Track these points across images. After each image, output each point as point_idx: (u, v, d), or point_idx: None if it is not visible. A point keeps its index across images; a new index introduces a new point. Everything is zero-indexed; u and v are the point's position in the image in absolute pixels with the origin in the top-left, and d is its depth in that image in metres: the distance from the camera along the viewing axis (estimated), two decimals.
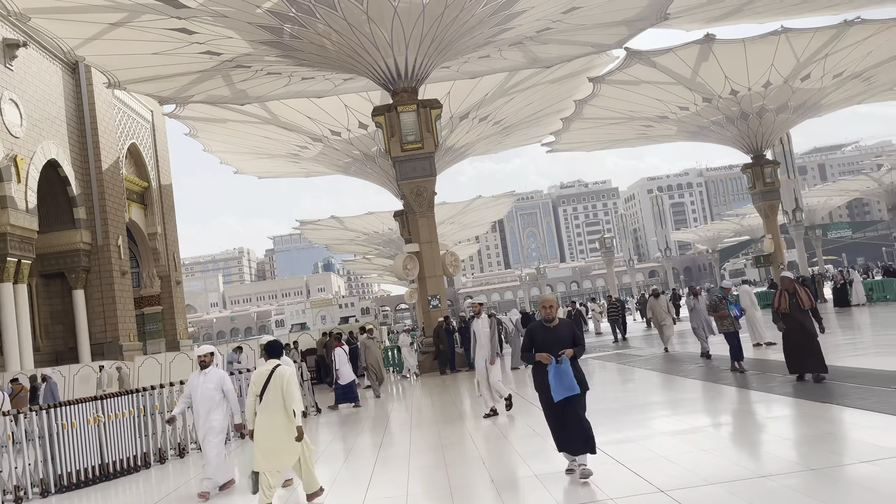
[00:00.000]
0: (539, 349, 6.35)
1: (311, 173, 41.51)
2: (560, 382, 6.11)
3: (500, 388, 10.84)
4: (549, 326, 6.44)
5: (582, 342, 6.49)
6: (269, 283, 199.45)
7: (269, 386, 6.42)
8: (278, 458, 6.41)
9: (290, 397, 6.42)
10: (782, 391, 9.65)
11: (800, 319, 9.96)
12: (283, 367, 6.60)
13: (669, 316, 17.70)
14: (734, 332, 12.48)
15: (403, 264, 18.58)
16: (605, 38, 26.17)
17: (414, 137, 18.72)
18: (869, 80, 34.32)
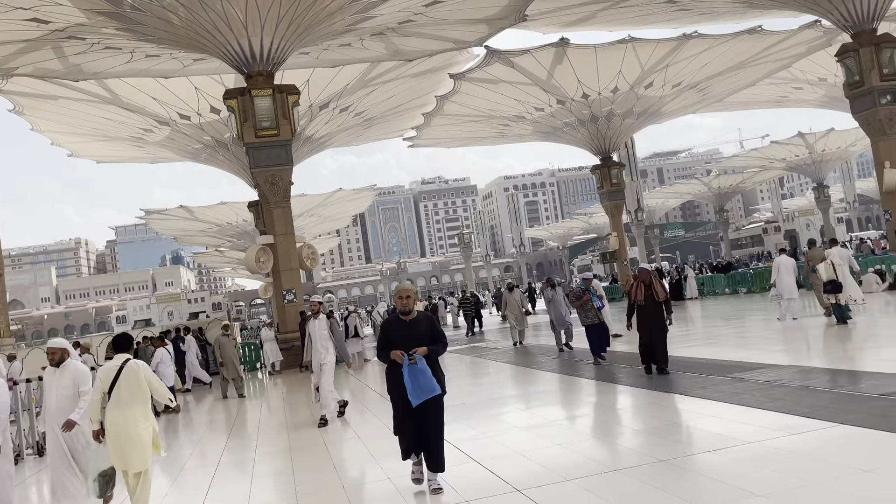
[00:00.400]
0: (395, 346, 5.66)
1: (158, 159, 38.77)
2: (417, 384, 5.49)
3: (328, 398, 9.98)
4: (405, 320, 5.77)
5: (443, 339, 5.86)
6: (111, 277, 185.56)
7: (120, 381, 6.03)
8: (131, 459, 5.98)
9: (156, 388, 6.19)
10: (632, 382, 10.01)
11: (654, 311, 10.12)
12: (134, 362, 6.22)
13: (523, 309, 18.04)
14: (598, 323, 12.47)
15: (256, 256, 17.63)
16: (466, 35, 26.39)
17: (269, 124, 17.79)
18: (703, 91, 37.20)
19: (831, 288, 13.47)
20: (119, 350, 6.35)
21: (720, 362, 10.48)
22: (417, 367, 5.51)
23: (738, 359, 10.62)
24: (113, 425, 5.98)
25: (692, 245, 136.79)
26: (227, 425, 11.71)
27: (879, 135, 22.16)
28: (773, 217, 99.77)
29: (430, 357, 5.64)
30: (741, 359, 10.58)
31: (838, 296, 13.41)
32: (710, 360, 10.94)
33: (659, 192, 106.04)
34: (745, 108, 47.94)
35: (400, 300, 5.82)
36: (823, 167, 71.47)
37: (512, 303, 17.97)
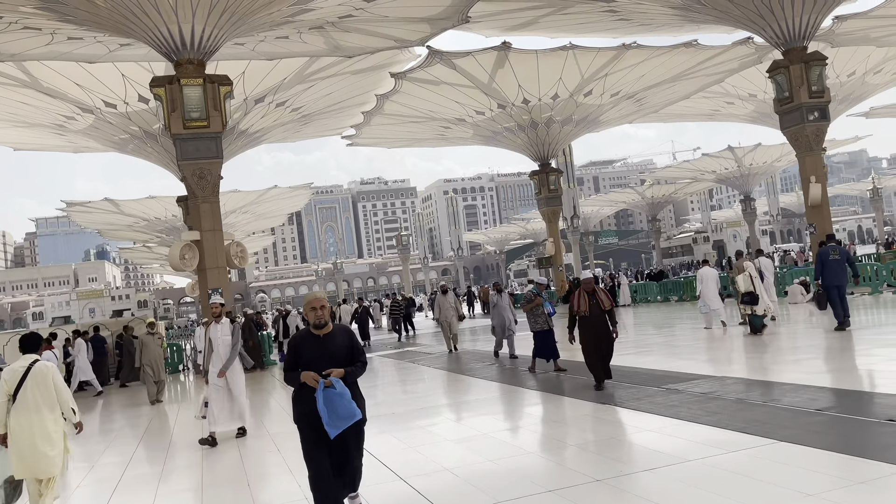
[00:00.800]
0: (306, 367, 4.77)
1: (81, 149, 36.82)
2: (334, 411, 4.60)
3: (243, 409, 9.05)
4: (318, 335, 4.90)
5: (362, 357, 5.04)
6: (29, 271, 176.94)
7: (27, 383, 5.72)
8: (39, 465, 5.67)
9: (63, 396, 5.86)
10: (569, 392, 9.77)
11: (600, 322, 9.51)
12: (44, 363, 5.89)
13: (456, 313, 17.35)
14: (548, 329, 12.02)
15: (181, 253, 16.72)
16: (407, 34, 25.95)
17: (199, 114, 16.91)
18: (640, 102, 37.85)
19: (749, 299, 13.64)
20: (27, 350, 5.99)
21: (654, 372, 10.40)
22: (334, 390, 4.64)
23: (671, 368, 10.56)
24: (18, 430, 5.64)
25: (625, 253, 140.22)
26: (137, 434, 10.92)
27: (806, 150, 22.85)
28: (703, 227, 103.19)
29: (346, 379, 4.81)
30: (674, 369, 10.52)
31: (754, 307, 13.61)
32: (644, 369, 10.84)
33: (594, 199, 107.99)
34: (680, 121, 49.17)
35: (312, 311, 4.91)
36: (751, 180, 74.11)
37: (445, 306, 17.15)
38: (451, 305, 17.26)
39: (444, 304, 17.25)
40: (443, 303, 17.36)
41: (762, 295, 13.89)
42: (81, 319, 72.95)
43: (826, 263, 13.32)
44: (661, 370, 10.51)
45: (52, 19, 17.81)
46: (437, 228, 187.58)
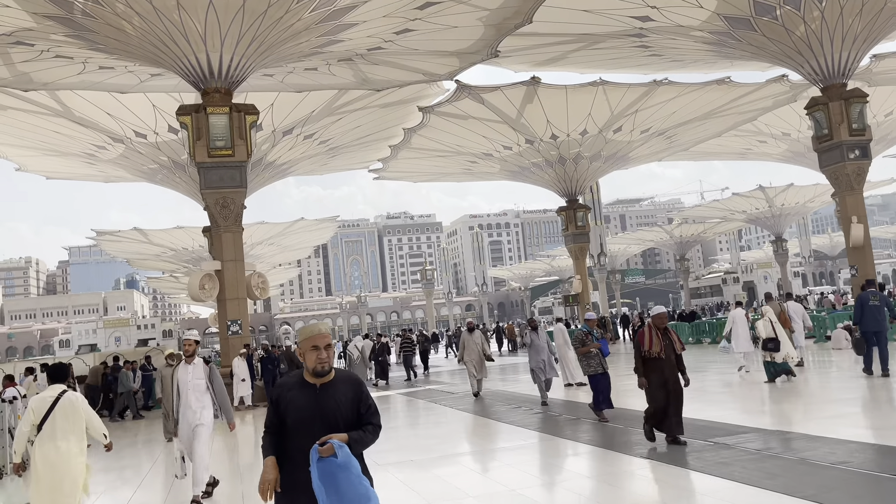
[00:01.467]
0: (295, 428, 3.50)
1: (112, 178, 37.24)
2: (336, 492, 3.29)
3: (200, 472, 7.50)
4: (314, 384, 3.57)
5: (374, 419, 3.66)
6: (60, 298, 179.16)
7: (55, 413, 5.85)
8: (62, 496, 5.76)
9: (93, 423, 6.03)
10: (611, 444, 8.83)
11: (671, 367, 8.12)
12: (72, 393, 6.06)
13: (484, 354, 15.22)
14: (602, 373, 10.70)
15: (200, 283, 16.41)
16: (436, 68, 25.85)
17: (224, 143, 16.78)
18: (670, 139, 37.32)
19: (772, 346, 13.15)
20: (55, 380, 6.10)
21: (696, 422, 9.58)
22: (335, 461, 3.30)
23: (714, 418, 9.76)
24: (44, 459, 5.72)
25: (652, 292, 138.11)
26: (137, 477, 10.40)
27: (847, 189, 22.06)
28: (732, 268, 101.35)
29: (351, 448, 3.44)
30: (718, 419, 9.74)
31: (774, 354, 13.17)
32: (686, 419, 9.93)
33: (621, 238, 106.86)
34: (710, 159, 48.48)
35: (313, 352, 3.56)
36: (782, 221, 72.73)
37: (471, 346, 15.29)
38: (477, 345, 15.42)
39: (470, 344, 15.43)
40: (468, 342, 15.49)
41: (784, 341, 13.36)
42: (107, 347, 73.30)
43: (865, 308, 13.04)
44: (703, 420, 9.72)
45: (84, 48, 17.91)
46: (461, 264, 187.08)
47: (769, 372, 13.33)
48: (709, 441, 8.20)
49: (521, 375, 21.74)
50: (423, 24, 20.26)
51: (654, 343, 8.17)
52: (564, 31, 23.94)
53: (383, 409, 14.93)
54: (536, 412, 12.20)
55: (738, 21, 21.57)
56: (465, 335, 15.60)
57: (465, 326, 16.32)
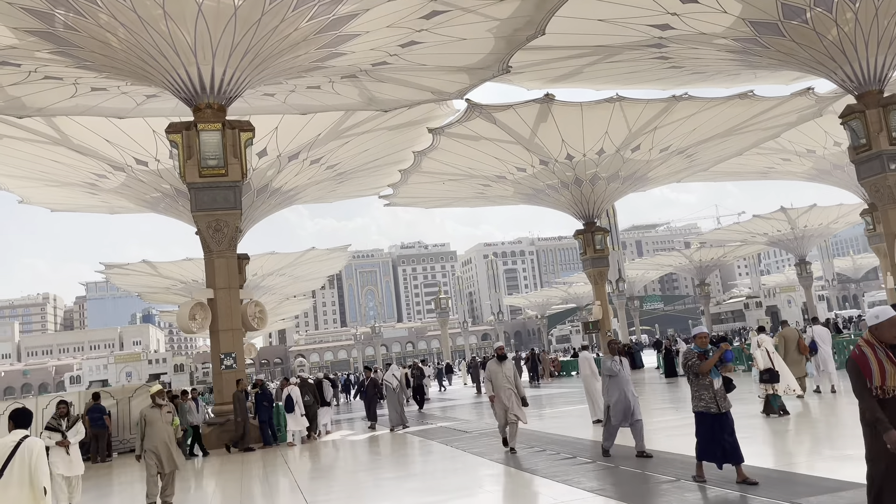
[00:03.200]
0: None
1: (116, 209, 36.40)
2: None
3: None
4: None
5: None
6: (76, 334, 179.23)
7: (14, 460, 5.64)
8: None
9: (40, 473, 5.67)
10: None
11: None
12: (32, 439, 5.79)
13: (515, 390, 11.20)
14: (723, 413, 7.75)
15: (191, 313, 15.12)
16: (445, 85, 24.75)
17: (216, 162, 15.63)
18: (691, 158, 35.92)
19: (768, 377, 12.43)
20: (18, 426, 5.95)
21: (772, 473, 7.88)
22: None
23: (806, 471, 8.08)
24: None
25: (671, 318, 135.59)
26: None
27: (889, 202, 20.50)
28: (754, 292, 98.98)
29: None
30: (805, 469, 8.11)
31: (775, 385, 12.42)
32: (759, 468, 8.07)
33: (639, 263, 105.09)
34: (732, 179, 47.00)
35: None
36: (805, 243, 70.79)
37: (500, 380, 11.17)
38: (509, 380, 11.30)
39: (499, 378, 11.27)
40: (497, 375, 11.34)
41: (783, 372, 12.69)
42: (118, 383, 72.23)
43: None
44: (802, 473, 8.01)
45: (71, 66, 16.94)
46: (476, 293, 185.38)
47: (775, 403, 12.46)
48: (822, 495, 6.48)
49: (554, 408, 20.10)
50: (430, 35, 19.18)
51: (888, 376, 4.91)
52: (579, 43, 22.80)
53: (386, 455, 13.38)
54: (600, 465, 9.58)
55: (765, 26, 20.30)
56: (493, 366, 11.46)
57: (494, 353, 12.12)
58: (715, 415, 7.77)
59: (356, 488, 9.74)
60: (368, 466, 12.06)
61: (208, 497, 11.16)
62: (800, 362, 14.69)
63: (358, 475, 11.09)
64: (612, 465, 9.36)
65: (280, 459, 13.50)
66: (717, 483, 7.60)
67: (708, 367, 7.82)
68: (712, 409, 7.79)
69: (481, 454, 11.50)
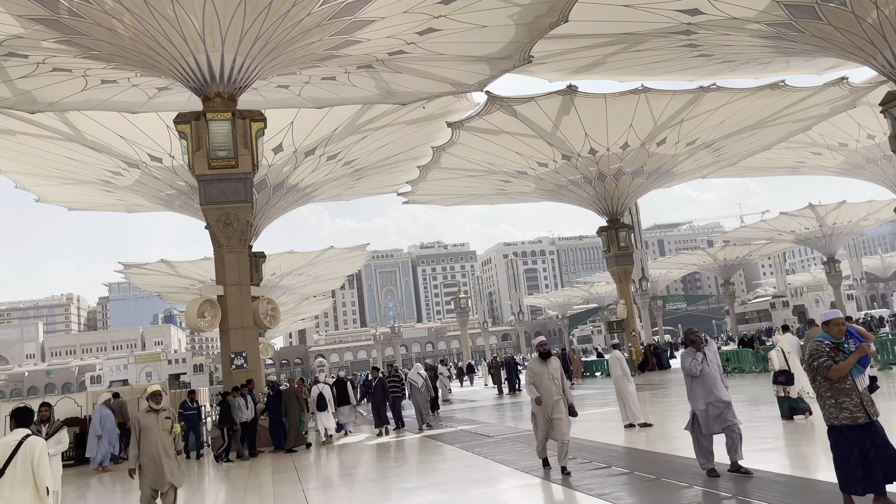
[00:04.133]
0: None
1: (133, 207, 36.08)
2: None
3: None
4: None
5: None
6: (99, 334, 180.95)
7: (16, 459, 5.71)
8: None
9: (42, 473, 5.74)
10: None
11: None
12: (34, 439, 5.88)
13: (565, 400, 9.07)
14: (868, 422, 5.93)
15: (199, 311, 14.50)
16: (465, 77, 23.98)
17: (226, 154, 15.01)
18: (718, 152, 34.82)
19: (783, 379, 12.04)
20: (20, 425, 6.01)
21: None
22: None
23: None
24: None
25: (694, 319, 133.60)
26: None
27: None
28: (780, 292, 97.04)
29: None
30: None
31: (788, 388, 12.07)
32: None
33: (662, 262, 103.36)
34: (759, 175, 45.69)
35: None
36: (834, 241, 69.01)
37: (545, 382, 9.01)
38: (556, 382, 9.09)
39: (544, 380, 9.06)
40: (541, 377, 9.11)
41: (798, 374, 12.09)
42: (138, 383, 72.36)
43: None
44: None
45: (78, 55, 16.42)
46: (496, 293, 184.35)
47: (783, 408, 12.18)
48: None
49: (583, 410, 19.17)
50: (449, 22, 18.42)
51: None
52: (603, 30, 21.93)
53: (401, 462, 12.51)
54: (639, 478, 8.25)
55: (801, 9, 19.26)
56: (537, 366, 9.21)
57: (537, 350, 9.61)
58: (864, 426, 5.87)
59: (369, 500, 9.00)
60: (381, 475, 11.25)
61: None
62: None
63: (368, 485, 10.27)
64: (653, 476, 8.23)
65: (290, 465, 12.83)
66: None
67: (846, 369, 5.93)
68: (860, 420, 5.87)
69: (505, 462, 10.60)
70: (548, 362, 9.27)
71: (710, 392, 8.07)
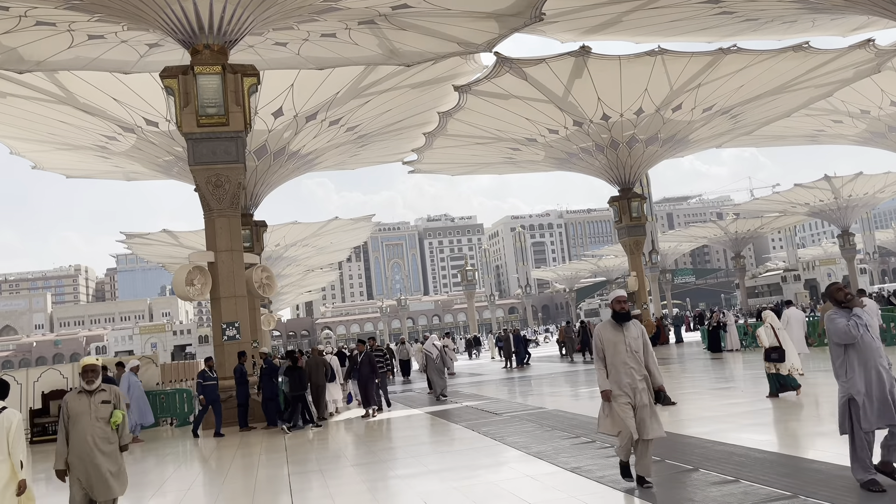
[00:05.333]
0: None
1: (130, 175, 35.21)
2: None
3: None
4: None
5: None
6: (108, 305, 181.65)
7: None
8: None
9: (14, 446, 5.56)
10: None
11: None
12: (10, 411, 5.67)
13: (649, 373, 6.71)
14: None
15: (188, 278, 13.61)
16: (472, 35, 22.74)
17: (216, 110, 14.00)
18: (736, 119, 33.54)
19: (776, 356, 11.87)
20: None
21: None
22: None
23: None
24: None
25: (703, 292, 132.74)
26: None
27: None
28: (791, 265, 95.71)
29: None
30: None
31: (779, 365, 11.84)
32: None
33: (672, 235, 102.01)
34: (776, 144, 44.34)
35: None
36: (849, 214, 67.65)
37: (621, 355, 6.63)
38: (635, 356, 6.66)
39: (619, 353, 6.68)
40: (615, 348, 6.71)
41: (790, 351, 12.01)
42: (143, 353, 72.13)
43: None
44: None
45: (60, 5, 15.36)
46: (503, 266, 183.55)
47: (773, 385, 11.95)
48: None
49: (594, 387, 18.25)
50: None
51: None
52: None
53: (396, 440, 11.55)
54: (708, 475, 6.73)
55: None
56: (608, 332, 6.80)
57: (611, 308, 6.91)
58: None
59: (359, 489, 8.10)
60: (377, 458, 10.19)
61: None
62: None
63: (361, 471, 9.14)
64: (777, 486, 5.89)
65: (280, 444, 12.00)
66: None
67: None
68: None
69: (516, 444, 9.53)
70: (625, 328, 6.71)
71: (871, 365, 5.90)
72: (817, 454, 7.42)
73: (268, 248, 51.17)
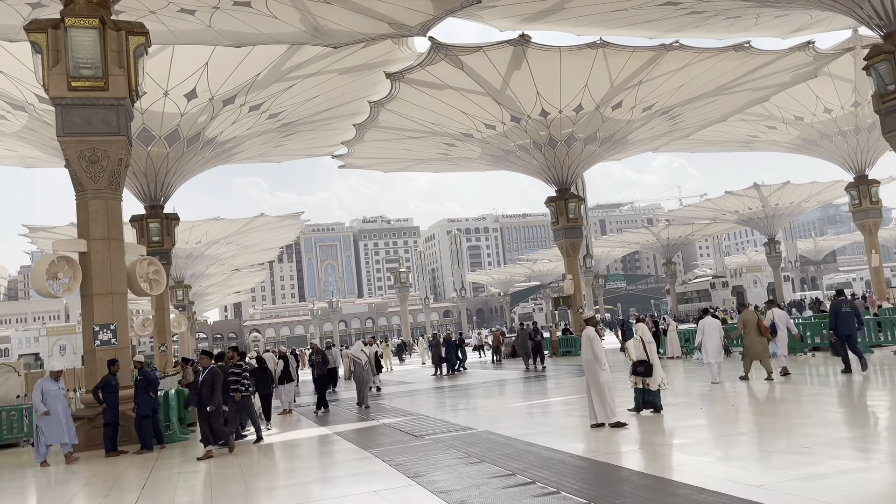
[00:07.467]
0: None
1: (28, 161, 31.87)
2: None
3: None
4: None
5: None
6: (20, 305, 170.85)
7: None
8: None
9: None
10: None
11: None
12: None
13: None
14: None
15: (50, 271, 11.29)
16: (405, 15, 20.99)
17: (92, 72, 11.74)
18: (674, 120, 32.91)
19: (642, 370, 11.42)
20: None
21: None
22: None
23: None
24: None
25: (634, 298, 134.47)
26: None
27: None
28: (719, 272, 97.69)
29: None
30: None
31: (647, 380, 11.36)
32: None
33: (605, 240, 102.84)
34: (712, 149, 44.27)
35: None
36: (776, 221, 69.15)
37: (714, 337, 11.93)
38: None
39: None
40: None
41: (656, 366, 11.53)
42: (50, 357, 67.19)
43: (839, 315, 14.54)
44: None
45: None
46: (439, 269, 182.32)
47: (638, 400, 11.58)
48: None
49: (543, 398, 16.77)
50: None
51: None
52: None
53: (270, 479, 9.41)
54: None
55: None
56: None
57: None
58: None
59: None
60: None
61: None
62: (762, 344, 14.86)
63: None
64: None
65: (143, 476, 9.80)
66: None
67: None
68: None
69: (436, 488, 7.45)
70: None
71: None
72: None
73: (188, 244, 48.06)
